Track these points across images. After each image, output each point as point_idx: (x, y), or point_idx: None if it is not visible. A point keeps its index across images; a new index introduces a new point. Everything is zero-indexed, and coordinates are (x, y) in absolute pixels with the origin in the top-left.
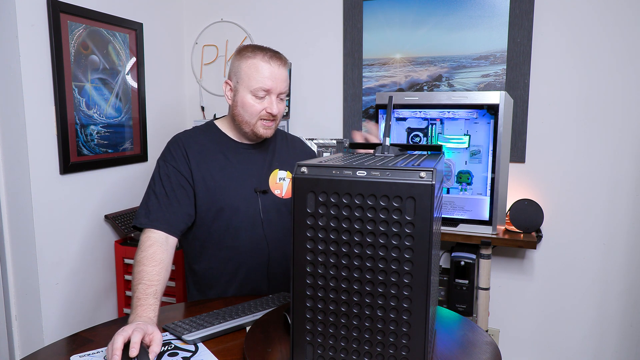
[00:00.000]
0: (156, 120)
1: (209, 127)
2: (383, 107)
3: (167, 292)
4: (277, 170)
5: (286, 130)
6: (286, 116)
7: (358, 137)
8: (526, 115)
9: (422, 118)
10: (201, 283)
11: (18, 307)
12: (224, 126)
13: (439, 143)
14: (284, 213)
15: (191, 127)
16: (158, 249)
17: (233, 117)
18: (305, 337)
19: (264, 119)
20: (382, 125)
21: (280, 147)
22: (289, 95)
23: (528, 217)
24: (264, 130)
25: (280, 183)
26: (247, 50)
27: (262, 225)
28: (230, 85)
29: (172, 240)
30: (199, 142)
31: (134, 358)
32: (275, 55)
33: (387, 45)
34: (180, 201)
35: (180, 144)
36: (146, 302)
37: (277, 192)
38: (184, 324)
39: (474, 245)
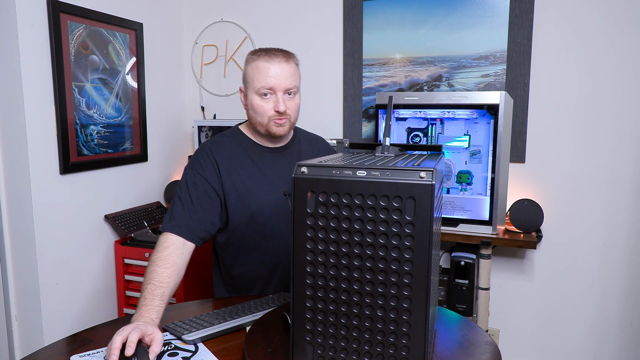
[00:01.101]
0: (156, 120)
1: (235, 133)
2: (383, 107)
3: None
4: None
5: None
6: None
7: None
8: (526, 115)
9: (422, 118)
10: (240, 287)
11: (18, 307)
12: (248, 131)
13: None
14: None
15: (217, 135)
16: (173, 252)
17: (250, 122)
18: (305, 337)
19: (275, 118)
20: (382, 125)
21: (306, 148)
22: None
23: (528, 217)
24: (277, 128)
25: None
26: (251, 53)
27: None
28: (243, 92)
29: (190, 246)
30: (227, 149)
31: (133, 357)
32: (276, 53)
33: (387, 45)
34: (204, 209)
35: (209, 152)
36: (151, 302)
37: None
38: (184, 324)
39: (474, 245)
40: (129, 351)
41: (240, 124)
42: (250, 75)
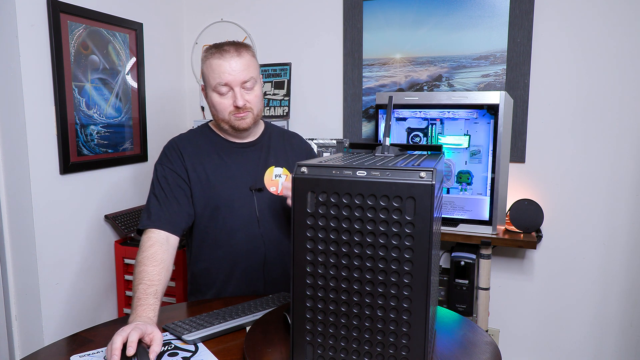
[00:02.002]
0: (156, 120)
1: (204, 129)
2: (383, 107)
3: (167, 292)
4: (272, 167)
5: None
6: (286, 116)
7: None
8: (526, 115)
9: (422, 118)
10: (200, 283)
11: (18, 307)
12: (217, 127)
13: (440, 141)
14: (279, 211)
15: (187, 131)
16: (159, 249)
17: (214, 119)
18: (305, 337)
19: (235, 113)
20: (382, 125)
21: (276, 144)
22: (288, 94)
23: (528, 217)
24: (239, 122)
25: (276, 180)
26: (205, 51)
27: (257, 224)
28: (204, 90)
29: (174, 240)
30: (193, 144)
31: (133, 357)
32: (228, 48)
33: (387, 45)
34: (179, 201)
35: (175, 146)
36: (146, 302)
37: (272, 190)
38: (184, 324)
39: (474, 245)
40: (130, 351)
41: (210, 121)
42: (206, 74)
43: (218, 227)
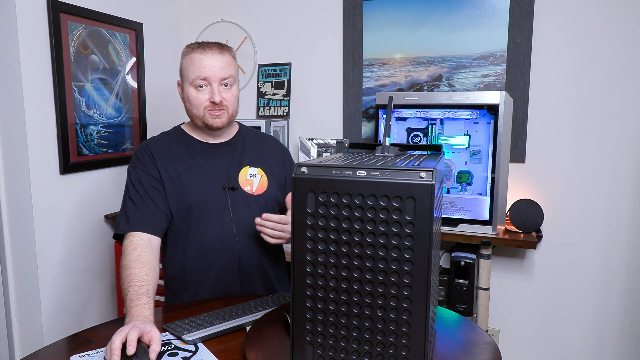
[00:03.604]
0: (156, 120)
1: (175, 131)
2: (383, 107)
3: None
4: (247, 167)
5: (286, 131)
6: (286, 116)
7: None
8: (526, 115)
9: (422, 118)
10: (175, 286)
11: (18, 307)
12: (189, 128)
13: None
14: (254, 209)
15: (159, 134)
16: (143, 251)
17: (188, 115)
18: (305, 337)
19: (210, 109)
20: (382, 125)
21: (251, 144)
22: (288, 94)
23: (528, 217)
24: (212, 120)
25: (251, 179)
26: (187, 47)
27: (231, 222)
28: (180, 85)
29: (156, 241)
30: (165, 146)
31: (133, 357)
32: (211, 45)
33: (387, 45)
34: (156, 202)
35: (146, 148)
36: (139, 302)
37: (247, 189)
38: (184, 324)
39: (474, 245)
40: (130, 350)
41: (182, 123)
42: (185, 68)
43: (191, 228)
